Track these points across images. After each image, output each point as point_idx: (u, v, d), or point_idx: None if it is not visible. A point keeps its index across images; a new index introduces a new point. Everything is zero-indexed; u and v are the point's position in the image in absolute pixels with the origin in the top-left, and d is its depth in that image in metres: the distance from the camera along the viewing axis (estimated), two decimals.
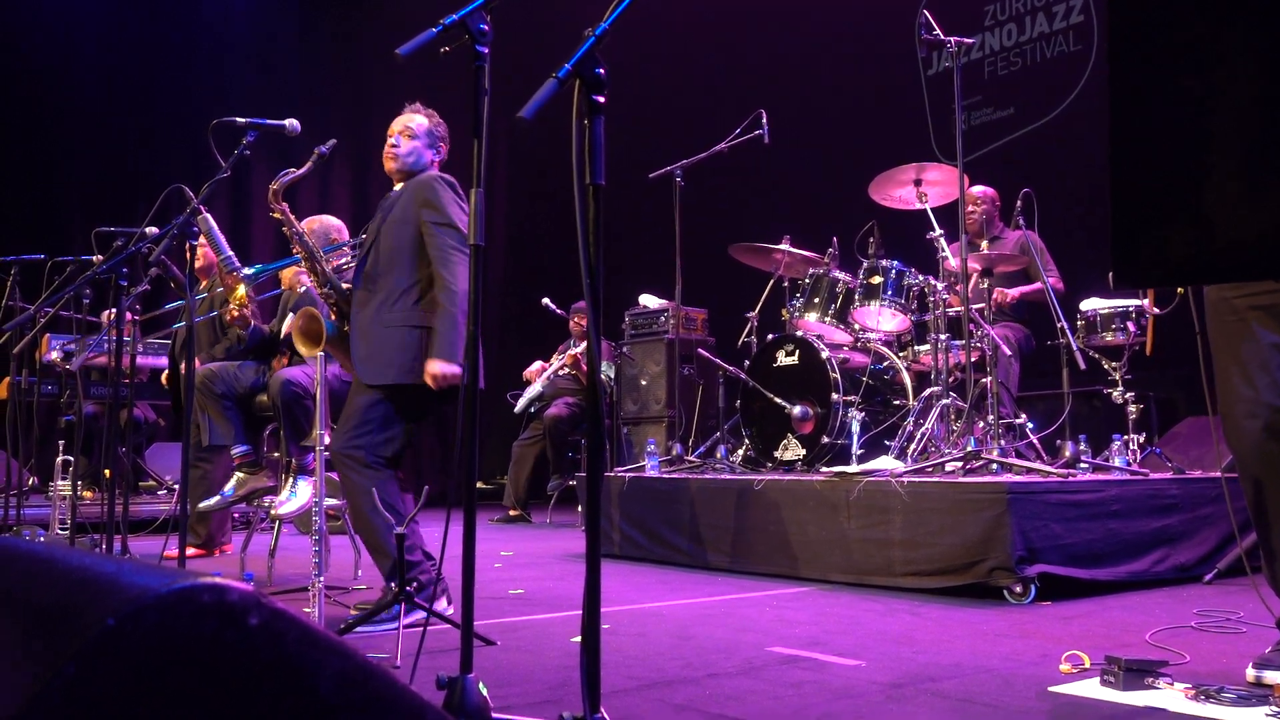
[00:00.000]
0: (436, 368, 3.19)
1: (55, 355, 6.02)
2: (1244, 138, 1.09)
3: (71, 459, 5.24)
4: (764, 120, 5.46)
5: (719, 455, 5.33)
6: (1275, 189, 1.11)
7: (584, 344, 7.43)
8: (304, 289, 4.26)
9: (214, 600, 0.76)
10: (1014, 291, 5.29)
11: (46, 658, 0.71)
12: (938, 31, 4.64)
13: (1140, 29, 1.06)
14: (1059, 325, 4.70)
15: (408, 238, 3.38)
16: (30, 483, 5.98)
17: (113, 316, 4.00)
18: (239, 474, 4.37)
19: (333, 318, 3.50)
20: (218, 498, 4.37)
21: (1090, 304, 4.98)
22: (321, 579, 2.87)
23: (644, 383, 7.20)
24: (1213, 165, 1.11)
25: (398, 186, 3.55)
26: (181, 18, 9.63)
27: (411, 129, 3.53)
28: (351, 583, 4.21)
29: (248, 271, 3.98)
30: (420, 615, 2.97)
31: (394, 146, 3.53)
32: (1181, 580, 4.01)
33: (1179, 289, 3.95)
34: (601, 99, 1.54)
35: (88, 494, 6.31)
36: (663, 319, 7.18)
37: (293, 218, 3.49)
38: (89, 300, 4.73)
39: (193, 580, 0.76)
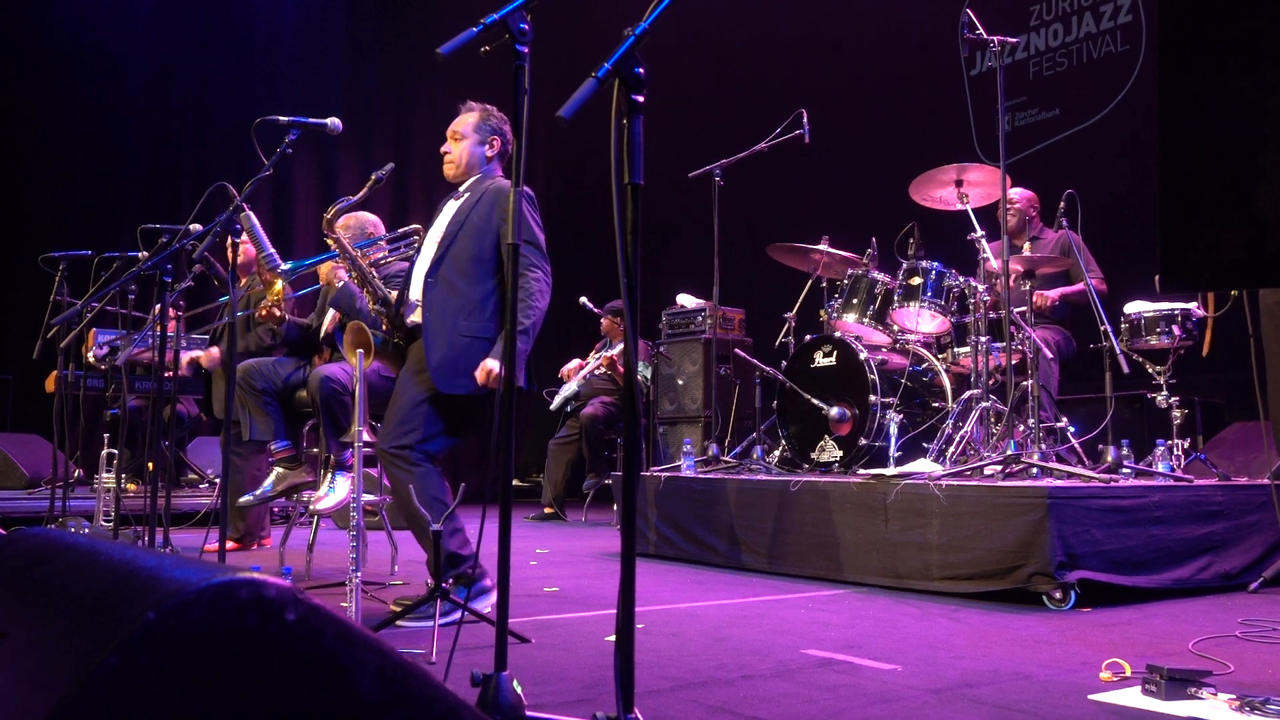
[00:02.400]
0: (491, 364, 3.21)
1: (93, 355, 6.12)
2: None
3: (116, 452, 5.33)
4: (805, 120, 5.43)
5: (755, 456, 5.31)
6: None
7: (620, 346, 7.44)
8: (341, 283, 4.30)
9: (252, 596, 0.77)
10: (1054, 293, 5.21)
11: (89, 649, 0.72)
12: (981, 31, 4.59)
13: (1191, 29, 1.04)
14: (1102, 328, 4.64)
15: (488, 246, 3.39)
16: (76, 475, 6.08)
17: (157, 312, 4.06)
18: (278, 469, 4.41)
19: (383, 328, 3.55)
20: (258, 492, 4.41)
21: (1134, 307, 4.90)
22: (359, 574, 2.89)
23: (680, 382, 7.20)
24: (1265, 166, 1.08)
25: (463, 187, 3.57)
26: (232, 19, 9.77)
27: (459, 130, 3.57)
28: (388, 578, 4.24)
29: (285, 267, 4.02)
30: (456, 611, 2.98)
31: (446, 153, 3.59)
32: (1226, 588, 3.94)
33: (1233, 291, 3.87)
34: (640, 98, 1.53)
35: (131, 486, 6.41)
36: (700, 318, 7.17)
37: (346, 244, 3.54)
38: (134, 296, 4.80)
39: (231, 576, 0.77)
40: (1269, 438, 2.57)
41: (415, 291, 3.53)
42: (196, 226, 3.98)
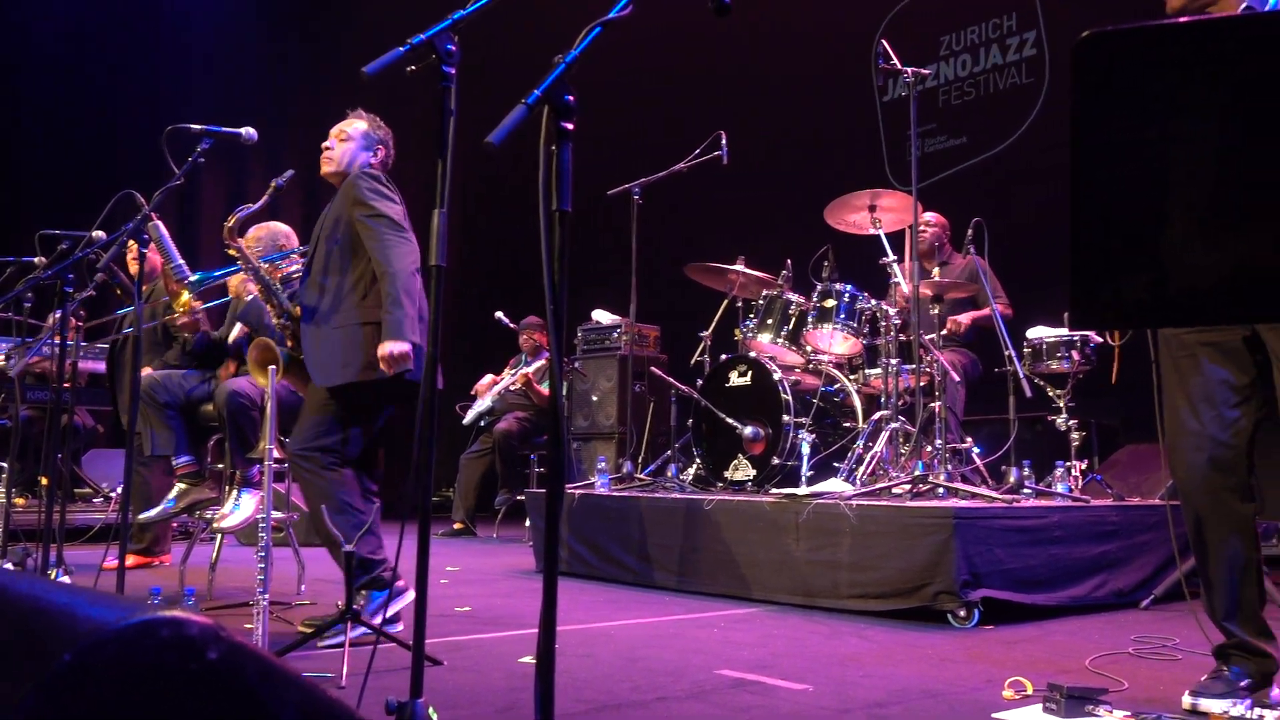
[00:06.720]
0: (386, 349, 3.19)
1: None
2: (1200, 187, 1.12)
3: (5, 465, 5.11)
4: (723, 141, 5.50)
5: (669, 474, 5.33)
6: (1228, 237, 1.15)
7: (536, 362, 7.40)
8: (250, 296, 4.21)
9: (173, 634, 0.74)
10: (965, 318, 5.37)
11: (1, 693, 0.69)
12: (895, 60, 4.71)
13: (1105, 81, 1.09)
14: (1006, 352, 4.78)
15: (342, 236, 3.42)
16: None
17: (55, 321, 3.92)
18: (180, 485, 4.28)
19: (289, 344, 3.50)
20: (159, 509, 4.27)
21: (1036, 332, 5.07)
22: (266, 596, 2.82)
23: (595, 398, 7.20)
24: (1169, 213, 1.14)
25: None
26: (142, 22, 9.48)
27: (347, 132, 3.57)
28: (294, 598, 4.14)
29: (193, 278, 3.92)
30: (367, 630, 2.93)
31: (327, 149, 3.57)
32: (1119, 605, 4.09)
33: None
34: (570, 125, 1.54)
35: (20, 501, 6.15)
36: (615, 334, 7.19)
37: (249, 253, 3.49)
38: (31, 304, 4.61)
39: (151, 614, 0.75)
40: (1164, 459, 2.69)
41: None
42: (100, 234, 3.86)
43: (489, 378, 7.72)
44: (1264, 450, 2.45)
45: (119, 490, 6.21)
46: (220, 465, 4.47)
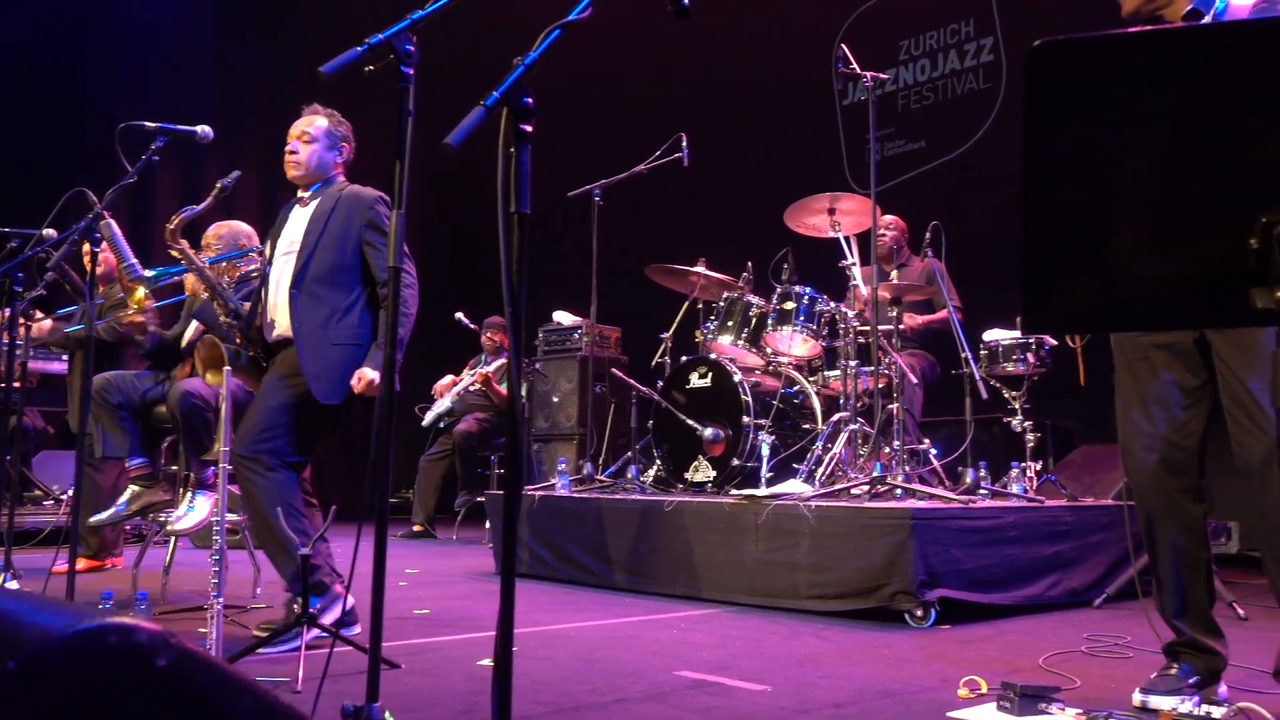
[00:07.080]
0: (370, 374, 3.22)
1: None
2: (1147, 196, 1.15)
3: None
4: (684, 143, 5.51)
5: (630, 475, 5.33)
6: (1174, 244, 1.17)
7: (495, 362, 7.38)
8: (205, 296, 4.16)
9: (121, 641, 0.73)
10: (921, 319, 5.43)
11: None
12: (854, 65, 4.74)
13: (1056, 90, 1.11)
14: (963, 355, 4.83)
15: (350, 253, 3.39)
16: None
17: (5, 319, 3.85)
18: (134, 487, 4.22)
19: (238, 341, 3.46)
20: (111, 511, 4.20)
21: (992, 334, 5.13)
22: (220, 599, 2.78)
23: (556, 399, 7.18)
24: (1118, 221, 1.16)
25: (305, 192, 3.50)
26: (97, 19, 9.32)
27: (310, 132, 3.51)
28: (250, 601, 4.10)
29: (148, 274, 3.87)
30: (323, 633, 2.91)
31: (293, 153, 3.51)
32: (1073, 604, 4.15)
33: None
34: (529, 128, 1.54)
35: None
36: (576, 336, 7.18)
37: (192, 254, 3.45)
38: None
39: (99, 621, 0.74)
40: (1119, 458, 2.74)
41: (275, 303, 3.44)
42: (51, 232, 3.79)
43: (448, 378, 7.68)
44: (1213, 450, 2.50)
45: (70, 493, 6.10)
46: (174, 467, 4.42)
